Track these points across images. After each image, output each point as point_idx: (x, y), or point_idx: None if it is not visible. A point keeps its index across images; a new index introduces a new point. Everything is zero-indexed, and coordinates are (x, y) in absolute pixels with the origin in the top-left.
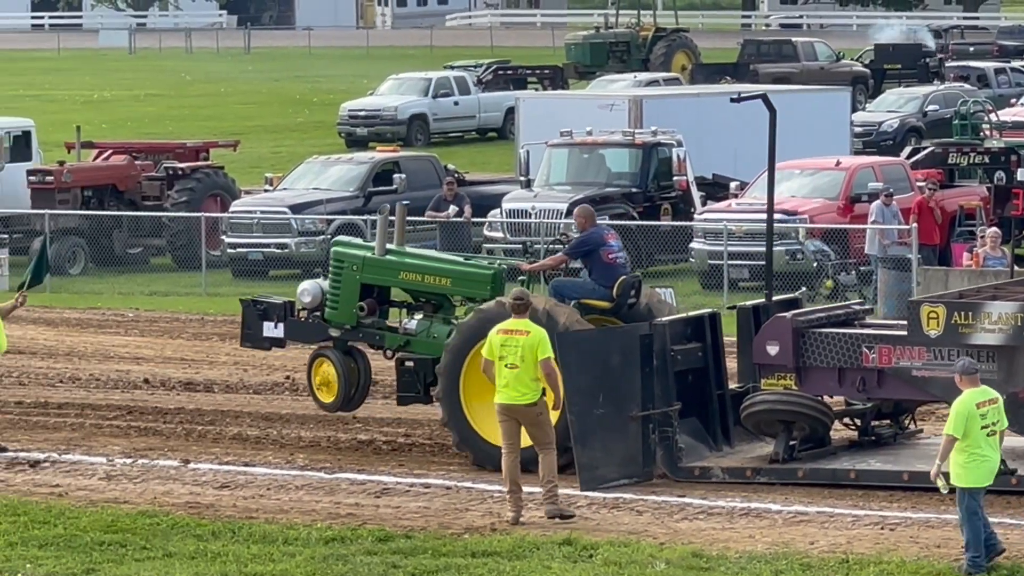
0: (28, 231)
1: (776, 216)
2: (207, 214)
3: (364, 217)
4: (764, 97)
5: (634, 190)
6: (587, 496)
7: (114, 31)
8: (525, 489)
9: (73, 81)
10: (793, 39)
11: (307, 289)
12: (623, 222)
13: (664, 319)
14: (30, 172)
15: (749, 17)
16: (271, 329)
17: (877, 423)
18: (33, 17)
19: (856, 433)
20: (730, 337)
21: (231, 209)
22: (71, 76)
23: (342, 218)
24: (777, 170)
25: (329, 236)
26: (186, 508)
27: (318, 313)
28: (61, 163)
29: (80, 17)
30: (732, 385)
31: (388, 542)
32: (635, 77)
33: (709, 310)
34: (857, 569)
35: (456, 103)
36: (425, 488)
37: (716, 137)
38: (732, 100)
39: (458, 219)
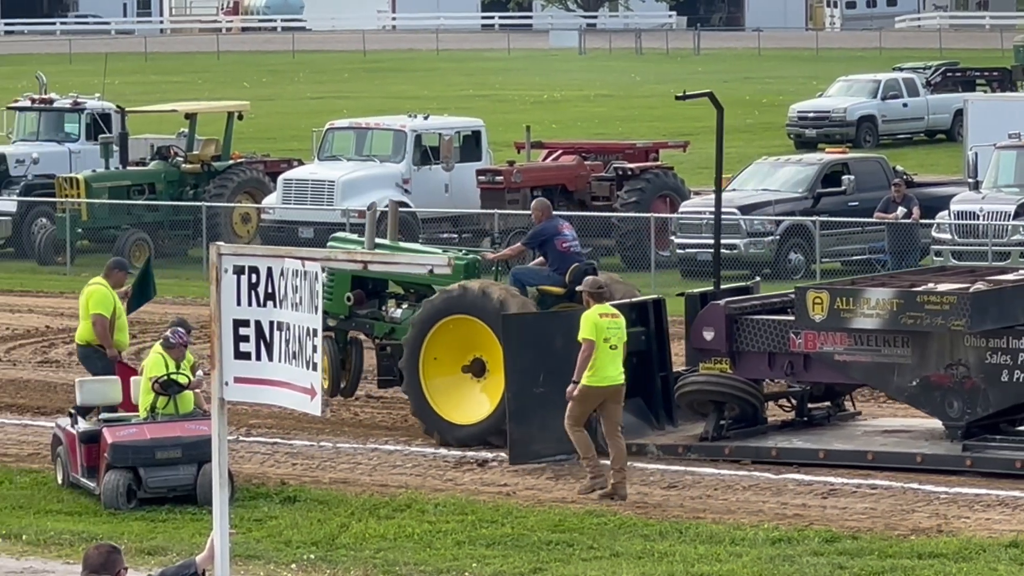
0: (477, 231)
1: None
2: (656, 215)
3: (813, 218)
4: (711, 95)
5: None
6: None
7: (564, 31)
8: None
9: (523, 81)
10: None
11: None
12: None
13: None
14: (480, 172)
15: None
16: None
17: (814, 405)
18: (483, 17)
19: (792, 414)
20: None
21: (680, 210)
22: (521, 76)
23: (791, 219)
24: None
25: (778, 237)
26: (633, 508)
27: None
28: (511, 163)
29: (530, 17)
30: (678, 368)
31: (834, 543)
32: None
33: (654, 296)
34: None
35: (905, 105)
36: (871, 489)
37: None
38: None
39: (906, 220)
